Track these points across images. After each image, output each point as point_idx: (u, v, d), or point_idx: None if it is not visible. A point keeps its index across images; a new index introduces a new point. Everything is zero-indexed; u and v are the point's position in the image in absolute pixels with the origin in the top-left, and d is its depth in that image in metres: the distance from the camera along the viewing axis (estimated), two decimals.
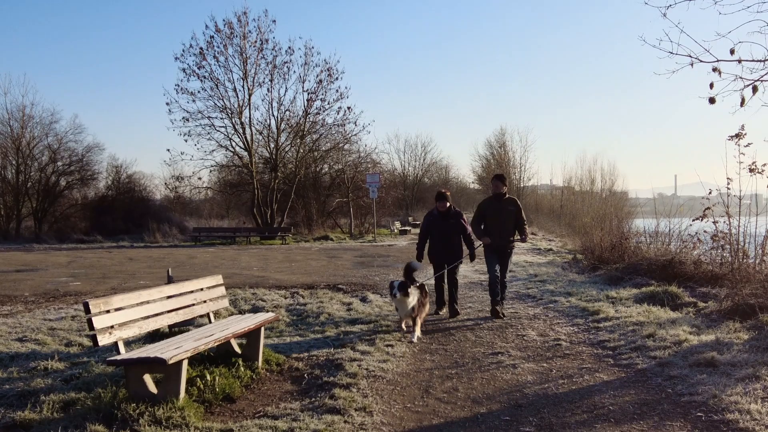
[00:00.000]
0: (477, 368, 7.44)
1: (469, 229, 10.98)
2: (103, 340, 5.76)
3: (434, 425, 5.52)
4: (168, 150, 66.20)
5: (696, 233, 13.92)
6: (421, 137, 77.28)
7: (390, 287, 9.45)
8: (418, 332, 9.16)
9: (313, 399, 6.24)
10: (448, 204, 10.98)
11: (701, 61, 8.17)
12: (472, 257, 11.40)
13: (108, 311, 5.93)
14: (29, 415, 5.63)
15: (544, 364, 7.47)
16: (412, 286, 9.34)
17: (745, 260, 11.87)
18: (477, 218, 10.85)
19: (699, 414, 5.56)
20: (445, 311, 11.21)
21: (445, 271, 11.00)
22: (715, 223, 12.54)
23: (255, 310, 11.12)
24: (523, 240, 10.88)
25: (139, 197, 45.74)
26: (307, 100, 40.37)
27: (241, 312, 10.93)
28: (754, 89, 8.37)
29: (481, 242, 10.77)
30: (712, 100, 8.48)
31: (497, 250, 10.64)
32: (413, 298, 9.28)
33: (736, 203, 12.14)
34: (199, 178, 44.16)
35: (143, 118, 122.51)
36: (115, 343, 5.93)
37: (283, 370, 7.52)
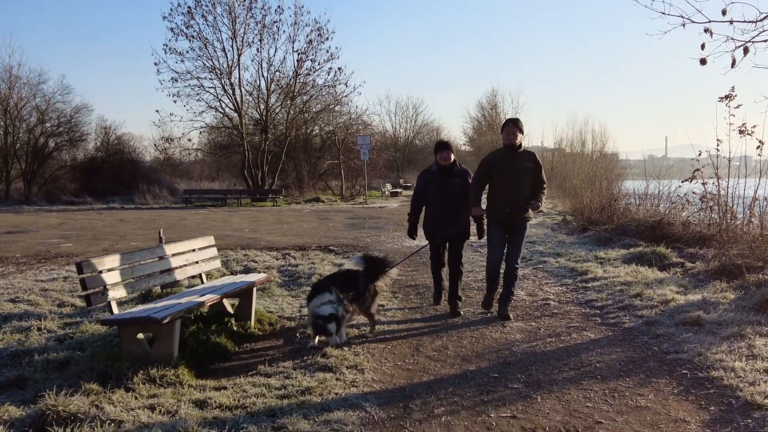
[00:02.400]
0: (466, 327, 7.53)
1: None
2: (96, 300, 5.81)
3: (424, 382, 5.62)
4: (157, 111, 65.83)
5: (685, 194, 14.00)
6: (413, 99, 77.03)
7: (315, 326, 6.67)
8: (373, 322, 7.39)
9: (305, 358, 6.32)
10: (452, 156, 8.32)
11: (693, 22, 8.14)
12: (481, 233, 8.52)
13: (101, 272, 5.97)
14: (24, 374, 5.69)
15: (533, 323, 7.57)
16: (337, 303, 6.69)
17: (733, 221, 11.98)
18: (479, 178, 8.01)
19: (684, 371, 5.67)
20: (441, 303, 8.71)
21: (446, 251, 8.52)
22: (704, 184, 12.63)
23: (247, 271, 11.18)
24: (535, 206, 7.86)
25: (128, 159, 45.45)
26: (297, 61, 40.12)
27: (233, 273, 10.98)
28: (745, 50, 8.36)
29: (474, 214, 8.18)
30: (703, 62, 8.47)
31: (506, 223, 7.92)
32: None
33: (725, 165, 12.20)
34: (189, 140, 43.84)
35: (131, 78, 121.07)
36: (108, 304, 5.99)
37: (276, 329, 7.60)
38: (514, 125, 7.88)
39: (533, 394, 5.24)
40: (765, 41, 8.62)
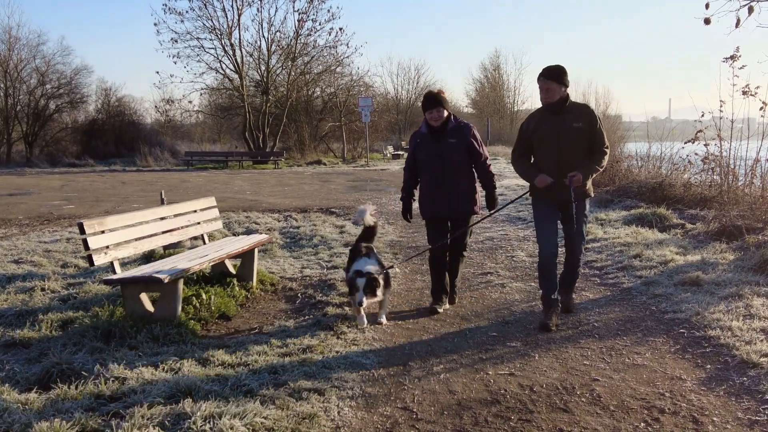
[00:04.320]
0: (466, 288, 7.59)
1: (485, 153, 6.56)
2: (99, 260, 5.85)
3: (424, 340, 5.69)
4: (157, 72, 65.36)
5: (687, 156, 13.97)
6: (415, 60, 76.12)
7: (352, 285, 6.00)
8: (385, 314, 6.28)
9: (306, 317, 6.40)
10: (444, 112, 6.43)
11: None
12: (492, 204, 6.62)
13: (103, 231, 6.01)
14: (28, 333, 5.76)
15: (532, 284, 7.61)
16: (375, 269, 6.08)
17: (734, 183, 11.96)
18: (519, 150, 6.30)
19: (681, 330, 5.73)
20: (445, 306, 6.72)
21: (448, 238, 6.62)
22: (706, 145, 12.58)
23: (248, 232, 11.22)
24: (576, 179, 5.88)
25: (129, 121, 45.29)
26: (298, 21, 39.81)
27: (235, 234, 11.03)
28: (750, 10, 8.30)
29: (538, 184, 6.04)
30: (707, 21, 8.42)
31: (555, 203, 6.14)
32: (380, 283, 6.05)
33: (728, 126, 12.14)
34: (190, 102, 43.88)
35: (131, 39, 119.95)
36: (111, 263, 6.04)
37: (277, 290, 7.66)
38: (547, 78, 5.95)
39: (531, 352, 5.31)
40: None
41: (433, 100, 6.48)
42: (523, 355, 5.26)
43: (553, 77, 5.91)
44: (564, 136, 5.91)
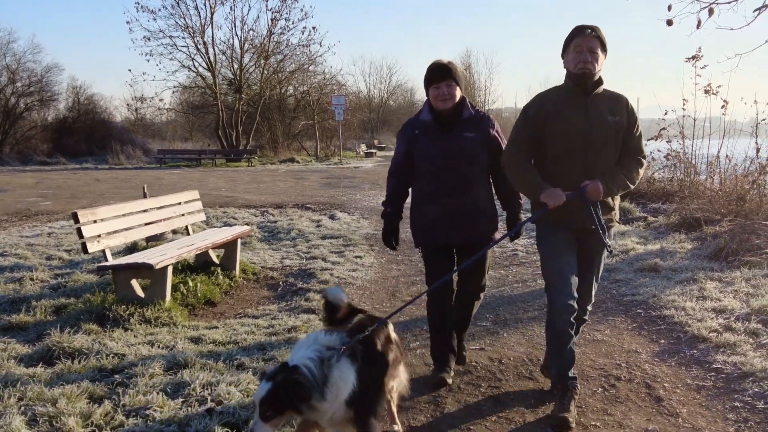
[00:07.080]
0: None
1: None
2: (92, 247, 6.14)
3: (401, 322, 6.06)
4: (129, 70, 64.93)
5: (651, 153, 14.50)
6: (387, 59, 76.58)
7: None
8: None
9: (289, 302, 6.74)
10: (457, 90, 4.45)
11: None
12: (516, 233, 4.78)
13: (95, 221, 6.30)
14: (24, 317, 6.02)
15: (502, 271, 8.04)
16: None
17: (695, 178, 12.50)
18: (522, 139, 4.14)
19: (639, 311, 6.19)
20: (452, 373, 4.62)
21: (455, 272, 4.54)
22: (668, 142, 13.11)
23: (228, 226, 11.49)
24: (594, 190, 3.89)
25: (100, 119, 45.03)
26: (271, 20, 39.82)
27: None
28: (710, 12, 8.75)
29: (551, 203, 3.92)
30: (669, 22, 8.84)
31: (574, 233, 4.15)
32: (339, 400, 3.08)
33: (690, 124, 12.66)
34: (161, 100, 43.69)
35: (101, 37, 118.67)
36: (103, 251, 6.32)
37: (259, 278, 7.99)
38: (593, 35, 3.94)
39: (500, 330, 5.73)
40: (728, 2, 9.03)
41: (443, 68, 4.44)
42: (493, 333, 5.68)
43: (600, 37, 3.96)
44: (597, 131, 3.97)
